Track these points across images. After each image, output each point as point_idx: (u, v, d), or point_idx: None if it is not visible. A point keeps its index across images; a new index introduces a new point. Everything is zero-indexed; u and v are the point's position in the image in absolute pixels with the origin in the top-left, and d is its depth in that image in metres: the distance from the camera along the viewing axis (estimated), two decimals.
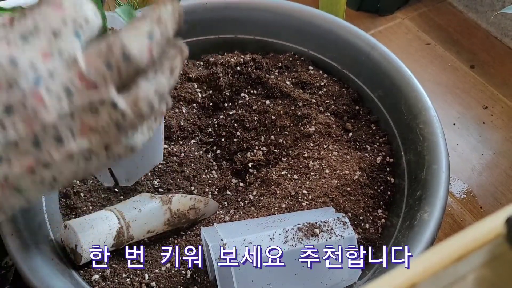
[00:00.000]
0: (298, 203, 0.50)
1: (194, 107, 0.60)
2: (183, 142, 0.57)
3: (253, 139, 0.58)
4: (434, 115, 0.53)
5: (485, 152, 0.70)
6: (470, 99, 0.76)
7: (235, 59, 0.62)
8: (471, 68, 0.80)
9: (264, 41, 0.64)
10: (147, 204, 0.48)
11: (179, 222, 0.49)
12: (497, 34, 0.84)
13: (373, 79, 0.59)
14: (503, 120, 0.73)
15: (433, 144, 0.51)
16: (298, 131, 0.57)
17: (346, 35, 0.61)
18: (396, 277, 0.22)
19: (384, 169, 0.55)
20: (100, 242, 0.44)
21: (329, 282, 0.43)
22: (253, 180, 0.56)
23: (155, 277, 0.46)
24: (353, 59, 0.61)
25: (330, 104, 0.59)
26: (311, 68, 0.63)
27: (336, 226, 0.44)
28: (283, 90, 0.60)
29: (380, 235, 0.51)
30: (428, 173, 0.49)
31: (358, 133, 0.58)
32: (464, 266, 0.23)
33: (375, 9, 0.88)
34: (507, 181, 0.67)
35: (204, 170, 0.56)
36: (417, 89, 0.55)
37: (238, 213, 0.51)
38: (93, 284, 0.46)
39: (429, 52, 0.83)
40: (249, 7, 0.63)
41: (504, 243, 0.23)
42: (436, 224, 0.46)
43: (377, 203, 0.53)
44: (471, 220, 0.63)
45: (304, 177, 0.53)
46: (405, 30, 0.86)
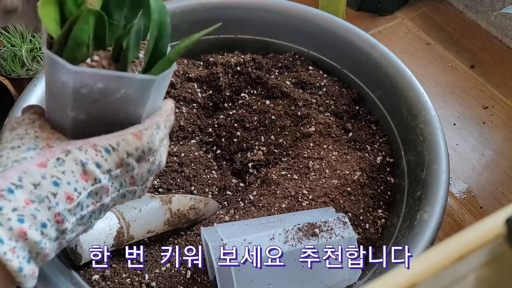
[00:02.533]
0: (298, 203, 0.50)
1: (194, 107, 0.60)
2: (183, 142, 0.57)
3: (253, 139, 0.58)
4: (434, 115, 0.53)
5: (485, 152, 0.70)
6: (470, 99, 0.76)
7: (235, 59, 0.62)
8: (471, 68, 0.80)
9: (264, 41, 0.64)
10: (147, 204, 0.48)
11: (179, 222, 0.49)
12: (497, 34, 0.84)
13: (373, 79, 0.59)
14: (503, 120, 0.73)
15: (433, 144, 0.51)
16: (298, 131, 0.57)
17: (346, 35, 0.61)
18: (396, 277, 0.22)
19: (384, 169, 0.55)
20: (100, 242, 0.44)
21: (329, 282, 0.43)
22: (253, 180, 0.56)
23: (155, 277, 0.46)
24: (353, 59, 0.61)
25: (330, 104, 0.59)
26: (311, 68, 0.63)
27: (336, 226, 0.44)
28: (283, 90, 0.60)
29: (380, 235, 0.51)
30: (428, 173, 0.49)
31: (358, 133, 0.58)
32: (464, 266, 0.23)
33: (375, 9, 0.88)
34: (507, 181, 0.67)
35: (204, 170, 0.56)
36: (417, 89, 0.55)
37: (238, 213, 0.51)
38: (93, 284, 0.46)
39: (429, 52, 0.83)
40: (249, 7, 0.63)
41: (504, 243, 0.23)
42: (436, 224, 0.46)
43: (377, 203, 0.53)
44: (471, 220, 0.63)
45: (304, 177, 0.53)
46: (405, 30, 0.86)
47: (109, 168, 0.32)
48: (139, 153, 0.33)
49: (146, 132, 0.34)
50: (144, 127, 0.34)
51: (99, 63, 0.32)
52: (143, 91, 0.32)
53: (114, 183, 0.33)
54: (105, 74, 0.31)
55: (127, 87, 0.31)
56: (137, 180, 0.35)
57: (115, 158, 0.32)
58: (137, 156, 0.33)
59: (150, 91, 0.33)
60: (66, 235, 0.31)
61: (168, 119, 0.36)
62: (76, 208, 0.31)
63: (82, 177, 0.31)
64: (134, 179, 0.35)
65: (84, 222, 0.33)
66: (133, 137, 0.33)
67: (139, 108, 0.33)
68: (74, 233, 0.33)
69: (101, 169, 0.32)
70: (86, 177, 0.31)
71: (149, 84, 0.32)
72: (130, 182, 0.34)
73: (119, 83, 0.31)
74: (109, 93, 0.31)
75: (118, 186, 0.34)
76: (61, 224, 0.30)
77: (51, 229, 0.30)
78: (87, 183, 0.31)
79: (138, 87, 0.32)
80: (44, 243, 0.30)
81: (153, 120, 0.35)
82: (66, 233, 0.31)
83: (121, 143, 0.33)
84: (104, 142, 0.32)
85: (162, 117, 0.35)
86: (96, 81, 0.31)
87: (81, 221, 0.32)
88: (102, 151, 0.32)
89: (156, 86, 0.33)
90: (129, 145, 0.33)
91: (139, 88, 0.32)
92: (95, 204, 0.33)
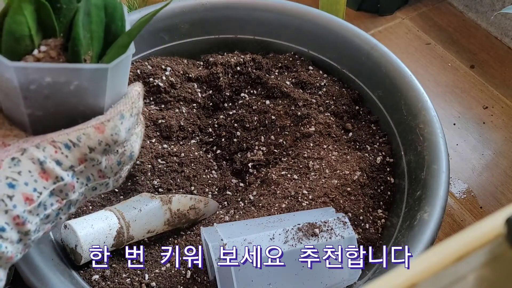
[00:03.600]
0: (298, 203, 0.50)
1: (194, 107, 0.60)
2: (183, 142, 0.57)
3: (253, 139, 0.58)
4: (434, 115, 0.53)
5: (485, 152, 0.70)
6: (470, 99, 0.76)
7: (235, 59, 0.62)
8: (471, 68, 0.80)
9: (264, 41, 0.64)
10: (147, 204, 0.48)
11: (179, 222, 0.49)
12: (497, 34, 0.84)
13: (373, 79, 0.59)
14: (503, 120, 0.73)
15: (433, 144, 0.51)
16: (298, 131, 0.57)
17: (346, 35, 0.61)
18: (396, 277, 0.22)
19: (384, 169, 0.55)
20: (100, 242, 0.44)
21: (329, 282, 0.43)
22: (253, 180, 0.56)
23: (155, 277, 0.46)
24: (353, 59, 0.61)
25: (330, 104, 0.59)
26: (311, 68, 0.63)
27: (336, 226, 0.44)
28: (283, 90, 0.60)
29: (380, 235, 0.51)
30: (428, 173, 0.49)
31: (358, 133, 0.58)
32: (464, 266, 0.23)
33: (375, 9, 0.88)
34: (507, 181, 0.67)
35: (204, 170, 0.56)
36: (417, 89, 0.55)
37: (238, 213, 0.51)
38: (93, 284, 0.46)
39: (429, 52, 0.83)
40: (249, 7, 0.63)
41: (504, 243, 0.23)
42: (436, 224, 0.46)
43: (377, 203, 0.53)
44: (471, 220, 0.63)
45: (304, 177, 0.53)
46: (405, 30, 0.86)
47: (71, 164, 0.31)
48: (103, 147, 0.31)
49: (108, 124, 0.31)
50: (106, 118, 0.31)
51: (47, 54, 0.29)
52: (98, 82, 0.30)
53: (80, 178, 0.32)
54: (50, 68, 0.28)
55: (79, 79, 0.29)
56: (107, 173, 0.33)
57: (76, 154, 0.30)
58: (101, 150, 0.31)
59: (105, 81, 0.30)
60: (30, 236, 0.30)
61: (134, 106, 0.33)
62: (38, 208, 0.30)
63: (42, 176, 0.29)
64: (103, 172, 0.33)
65: (51, 220, 0.31)
66: (94, 131, 0.31)
67: (98, 99, 0.31)
68: (41, 232, 0.31)
69: (62, 167, 0.30)
70: (46, 176, 0.30)
71: (103, 74, 0.29)
72: (99, 175, 0.33)
73: (68, 75, 0.29)
74: (60, 86, 0.29)
75: (85, 181, 0.32)
76: (22, 226, 0.29)
77: (11, 232, 0.29)
78: (48, 182, 0.30)
79: (91, 78, 0.29)
80: (6, 247, 0.29)
81: (116, 109, 0.32)
82: (30, 234, 0.30)
83: (82, 138, 0.31)
84: (64, 137, 0.30)
85: (127, 105, 0.33)
86: (42, 76, 0.28)
87: (47, 220, 0.31)
88: (61, 148, 0.30)
89: (112, 75, 0.30)
90: (91, 140, 0.31)
91: (92, 79, 0.29)
92: (61, 202, 0.31)
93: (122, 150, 0.33)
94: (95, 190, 0.34)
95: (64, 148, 0.30)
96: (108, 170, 0.33)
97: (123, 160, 0.34)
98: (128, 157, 0.34)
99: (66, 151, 0.30)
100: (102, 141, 0.31)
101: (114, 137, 0.32)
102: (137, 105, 0.34)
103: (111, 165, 0.33)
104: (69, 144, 0.30)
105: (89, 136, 0.31)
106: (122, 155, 0.34)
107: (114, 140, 0.32)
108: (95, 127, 0.31)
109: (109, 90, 0.31)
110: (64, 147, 0.30)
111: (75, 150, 0.30)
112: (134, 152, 0.35)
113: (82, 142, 0.31)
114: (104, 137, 0.31)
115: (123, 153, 0.34)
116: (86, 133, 0.31)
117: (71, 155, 0.30)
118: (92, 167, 0.32)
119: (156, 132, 0.56)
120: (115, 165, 0.33)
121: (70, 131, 0.30)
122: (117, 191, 0.53)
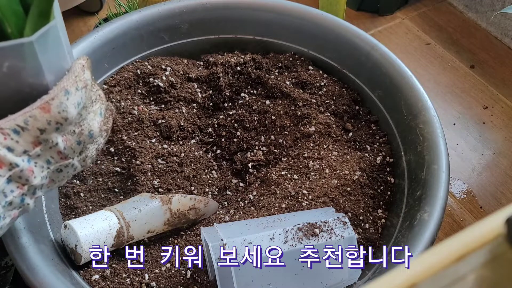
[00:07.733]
0: (298, 203, 0.50)
1: (194, 107, 0.60)
2: (183, 142, 0.57)
3: (253, 139, 0.58)
4: (434, 115, 0.53)
5: (485, 152, 0.70)
6: (470, 99, 0.76)
7: (235, 59, 0.62)
8: (471, 68, 0.80)
9: (264, 41, 0.64)
10: (147, 204, 0.48)
11: (179, 222, 0.49)
12: (497, 34, 0.84)
13: (373, 79, 0.59)
14: (503, 120, 0.73)
15: (433, 144, 0.51)
16: (298, 131, 0.57)
17: (346, 35, 0.61)
18: (396, 277, 0.22)
19: (384, 169, 0.55)
20: (100, 242, 0.44)
21: (329, 282, 0.43)
22: (253, 180, 0.56)
23: (155, 277, 0.46)
24: (353, 59, 0.61)
25: (330, 104, 0.59)
26: (311, 68, 0.63)
27: (336, 226, 0.44)
28: (283, 90, 0.60)
29: (380, 235, 0.51)
30: (428, 173, 0.49)
31: (358, 133, 0.58)
32: (464, 266, 0.23)
33: (375, 9, 0.88)
34: (507, 181, 0.67)
35: (204, 170, 0.56)
36: (417, 89, 0.55)
37: (238, 213, 0.51)
38: (93, 284, 0.46)
39: (429, 52, 0.83)
40: (249, 7, 0.63)
41: (504, 243, 0.23)
42: (436, 224, 0.46)
43: (377, 203, 0.53)
44: (471, 220, 0.63)
45: (304, 177, 0.53)
46: (405, 30, 0.86)
47: (24, 149, 0.30)
48: (53, 126, 0.31)
49: (53, 102, 0.30)
50: (50, 97, 0.30)
51: None
52: (29, 58, 0.28)
53: (39, 162, 0.31)
54: None
55: (6, 58, 0.27)
56: (69, 154, 0.32)
57: (27, 137, 0.30)
58: (52, 130, 0.31)
59: (36, 56, 0.28)
60: None
61: (79, 79, 0.32)
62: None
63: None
64: (64, 153, 0.32)
65: (16, 206, 0.31)
66: (40, 111, 0.30)
67: (38, 77, 0.30)
68: (8, 218, 0.31)
69: (15, 152, 0.30)
70: (0, 164, 0.29)
71: (30, 49, 0.28)
72: (60, 157, 0.32)
73: None
74: None
75: (45, 164, 0.31)
76: None
77: None
78: (2, 170, 0.29)
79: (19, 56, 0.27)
80: None
81: (60, 86, 0.31)
82: None
83: (29, 121, 0.30)
84: (11, 123, 0.30)
85: (70, 80, 0.32)
86: None
87: (11, 206, 0.31)
88: (10, 134, 0.29)
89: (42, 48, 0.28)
90: (38, 121, 0.30)
91: (21, 56, 0.28)
92: (22, 188, 0.31)
93: (79, 129, 0.33)
94: (61, 172, 0.33)
95: (13, 133, 0.30)
96: (68, 150, 0.32)
97: (83, 139, 0.33)
98: (87, 136, 0.33)
99: (16, 137, 0.30)
100: (51, 120, 0.30)
101: (63, 114, 0.31)
102: (82, 78, 0.33)
103: (70, 146, 0.32)
104: (17, 129, 0.30)
105: (36, 117, 0.30)
106: (80, 134, 0.33)
107: (64, 118, 0.31)
108: (41, 108, 0.30)
109: (46, 65, 0.29)
110: (13, 132, 0.30)
111: (25, 134, 0.30)
112: (93, 131, 0.34)
113: (30, 125, 0.30)
114: (52, 116, 0.30)
115: (81, 132, 0.33)
116: (32, 115, 0.30)
117: (22, 140, 0.30)
118: (49, 149, 0.31)
119: (156, 132, 0.56)
120: (75, 145, 0.32)
121: (16, 116, 0.30)
122: (117, 191, 0.53)
